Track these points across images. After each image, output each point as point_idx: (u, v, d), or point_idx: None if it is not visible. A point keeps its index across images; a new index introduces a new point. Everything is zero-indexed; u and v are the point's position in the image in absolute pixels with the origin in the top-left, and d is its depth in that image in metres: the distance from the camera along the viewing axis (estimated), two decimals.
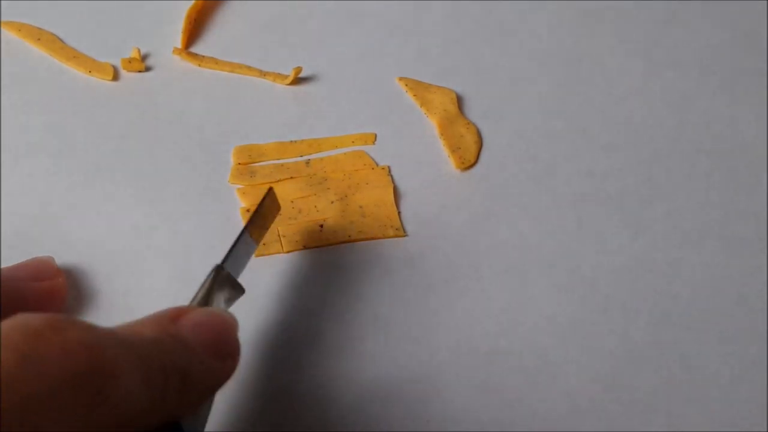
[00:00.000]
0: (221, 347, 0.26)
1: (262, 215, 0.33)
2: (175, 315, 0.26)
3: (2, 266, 0.33)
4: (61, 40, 0.42)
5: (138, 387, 0.22)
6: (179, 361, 0.24)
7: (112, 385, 0.21)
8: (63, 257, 0.34)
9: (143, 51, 0.42)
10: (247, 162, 0.38)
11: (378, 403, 0.31)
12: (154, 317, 0.25)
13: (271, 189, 0.34)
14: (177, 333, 0.25)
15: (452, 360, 0.32)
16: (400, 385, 0.32)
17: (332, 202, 0.37)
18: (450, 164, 0.38)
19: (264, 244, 0.35)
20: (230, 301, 0.31)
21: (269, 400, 0.31)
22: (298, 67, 0.41)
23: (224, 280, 0.31)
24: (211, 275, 0.30)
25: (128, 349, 0.22)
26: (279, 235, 0.35)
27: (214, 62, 0.42)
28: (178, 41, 0.42)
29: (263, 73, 0.41)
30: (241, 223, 0.36)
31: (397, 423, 0.31)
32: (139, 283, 0.34)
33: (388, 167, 0.38)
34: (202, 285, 0.30)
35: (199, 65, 0.41)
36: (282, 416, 0.31)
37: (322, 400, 0.31)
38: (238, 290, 0.31)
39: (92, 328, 0.22)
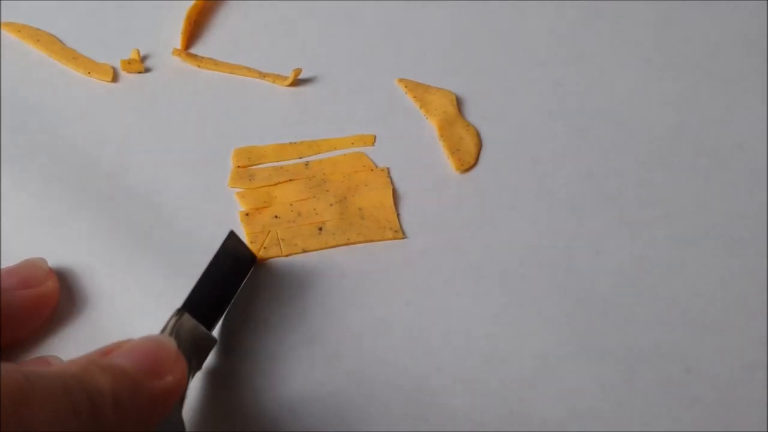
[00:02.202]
0: (157, 366, 0.27)
1: (223, 258, 0.32)
2: (107, 349, 0.27)
3: (1, 267, 0.33)
4: (61, 41, 0.42)
5: (65, 415, 0.23)
6: (107, 385, 0.25)
7: (30, 415, 0.22)
8: (61, 258, 0.35)
9: (143, 52, 0.42)
10: (247, 164, 0.38)
11: (378, 403, 0.31)
12: (85, 354, 0.27)
13: (231, 232, 0.33)
14: (106, 362, 0.26)
15: (452, 361, 0.32)
16: (400, 386, 0.32)
17: (331, 205, 0.37)
18: (449, 166, 0.38)
19: (264, 248, 0.35)
20: (200, 354, 0.30)
21: (267, 401, 0.31)
22: (298, 68, 0.41)
23: (189, 330, 0.30)
24: (172, 319, 0.29)
25: (51, 382, 0.24)
26: (278, 239, 0.35)
27: (214, 63, 0.42)
28: (178, 42, 0.42)
29: (263, 75, 0.41)
30: (241, 227, 0.36)
31: (397, 423, 0.31)
32: (137, 286, 0.34)
33: (388, 169, 0.38)
34: (164, 328, 0.29)
35: (199, 66, 0.41)
36: (281, 417, 0.31)
37: (321, 400, 0.31)
38: (209, 341, 0.31)
39: (12, 366, 0.23)
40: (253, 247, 0.35)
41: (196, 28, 0.43)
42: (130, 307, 0.33)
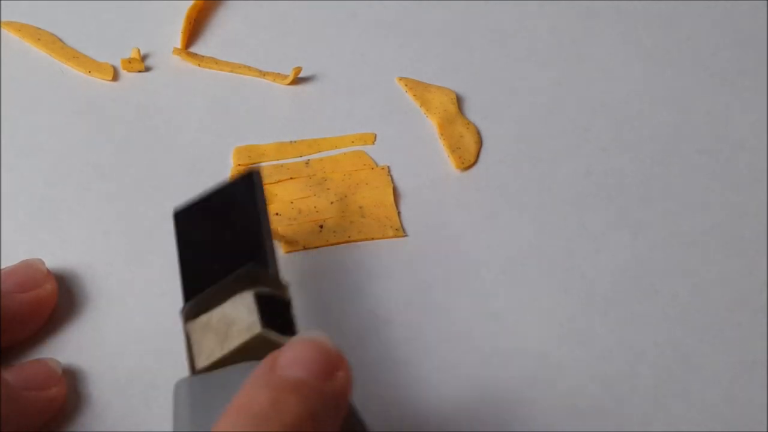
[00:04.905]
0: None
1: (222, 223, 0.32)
2: (270, 363, 0.27)
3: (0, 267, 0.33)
4: (61, 40, 0.42)
5: None
6: (303, 409, 0.25)
7: None
8: (61, 258, 0.35)
9: (143, 51, 0.42)
10: (247, 163, 0.38)
11: (378, 403, 0.31)
12: (253, 375, 0.27)
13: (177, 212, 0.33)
14: (285, 380, 0.26)
15: (452, 360, 0.32)
16: (399, 386, 0.32)
17: (332, 203, 0.37)
18: (450, 164, 0.38)
19: None
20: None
21: None
22: (298, 67, 0.41)
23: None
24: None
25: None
26: (279, 236, 0.35)
27: (214, 62, 0.42)
28: (178, 41, 0.42)
29: (263, 73, 0.41)
30: None
31: (397, 423, 0.31)
32: (137, 284, 0.34)
33: (388, 167, 0.38)
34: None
35: (199, 65, 0.41)
36: None
37: None
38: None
39: None
40: None
41: (196, 27, 0.43)
42: (130, 307, 0.33)
